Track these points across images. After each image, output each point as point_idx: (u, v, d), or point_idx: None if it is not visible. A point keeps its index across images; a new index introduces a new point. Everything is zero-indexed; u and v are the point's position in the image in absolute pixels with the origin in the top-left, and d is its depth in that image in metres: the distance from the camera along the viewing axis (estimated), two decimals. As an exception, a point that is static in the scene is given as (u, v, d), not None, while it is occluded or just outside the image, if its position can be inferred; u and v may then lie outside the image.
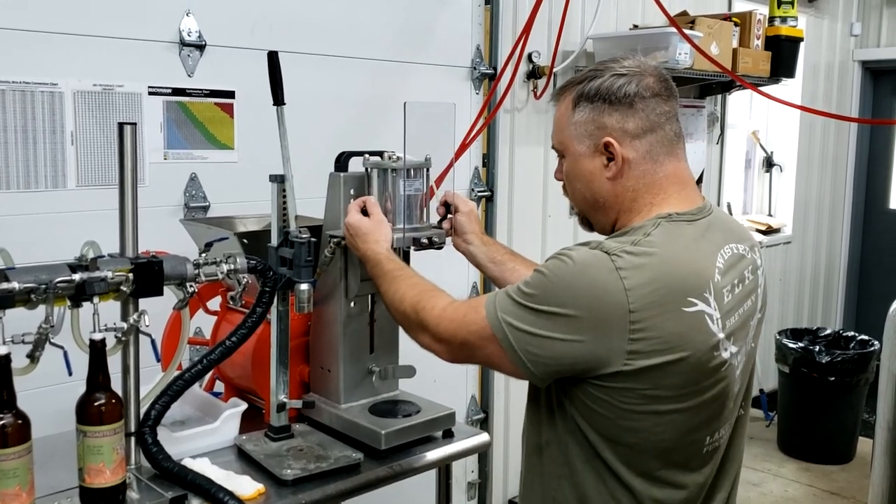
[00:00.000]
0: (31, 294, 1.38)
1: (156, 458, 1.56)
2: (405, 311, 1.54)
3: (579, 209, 1.50)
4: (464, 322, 1.40)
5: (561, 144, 1.46)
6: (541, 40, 3.28)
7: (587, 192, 1.44)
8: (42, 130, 2.07)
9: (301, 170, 1.81)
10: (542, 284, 1.30)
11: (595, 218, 1.48)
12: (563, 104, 1.44)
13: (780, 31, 4.11)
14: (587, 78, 1.41)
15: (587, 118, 1.40)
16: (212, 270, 1.62)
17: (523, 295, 1.31)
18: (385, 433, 1.73)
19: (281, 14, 2.50)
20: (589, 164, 1.41)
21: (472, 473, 3.32)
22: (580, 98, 1.40)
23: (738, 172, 5.15)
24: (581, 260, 1.29)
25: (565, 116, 1.43)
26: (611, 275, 1.25)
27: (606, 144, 1.38)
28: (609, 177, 1.40)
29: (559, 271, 1.29)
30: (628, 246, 1.28)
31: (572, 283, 1.28)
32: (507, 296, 1.34)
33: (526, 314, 1.30)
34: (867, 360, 4.15)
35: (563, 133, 1.44)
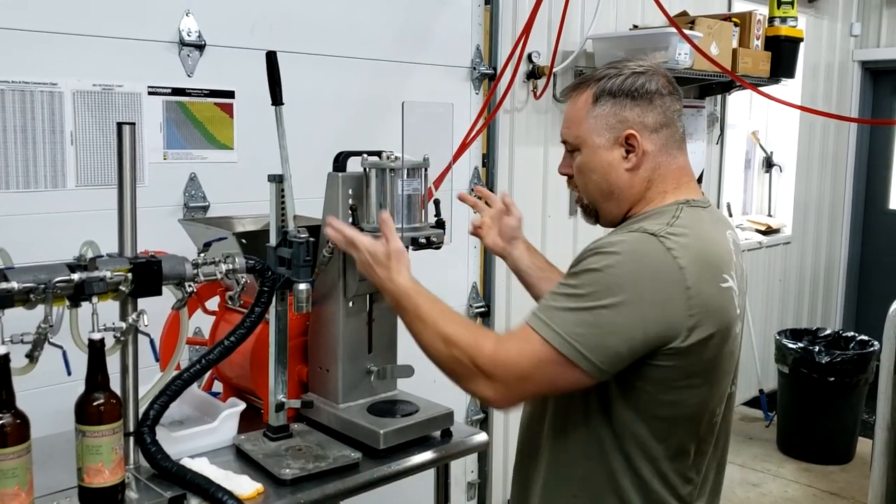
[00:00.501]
0: (30, 294, 1.38)
1: (154, 458, 1.56)
2: (454, 355, 1.42)
3: (590, 200, 1.54)
4: (519, 355, 1.36)
5: (577, 138, 1.50)
6: (540, 40, 3.28)
7: (603, 182, 1.50)
8: (41, 130, 2.08)
9: (300, 170, 1.81)
10: (596, 280, 1.33)
11: (607, 208, 1.52)
12: (581, 99, 1.50)
13: (779, 32, 4.11)
14: (606, 76, 1.49)
15: (609, 112, 1.47)
16: (210, 270, 1.62)
17: (577, 298, 1.33)
18: (384, 433, 1.73)
19: (280, 14, 2.50)
20: (608, 155, 1.48)
21: (472, 474, 3.32)
22: (602, 93, 1.48)
23: (738, 173, 5.15)
24: (631, 247, 1.34)
25: (584, 110, 1.49)
26: (665, 255, 1.33)
27: (628, 137, 1.46)
28: (628, 168, 1.47)
29: (611, 262, 1.33)
30: (667, 228, 1.36)
31: (630, 270, 1.32)
32: (555, 309, 1.34)
33: (587, 315, 1.32)
34: (867, 360, 4.15)
35: (581, 126, 1.49)
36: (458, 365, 1.42)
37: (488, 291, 3.26)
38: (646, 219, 1.43)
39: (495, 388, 1.38)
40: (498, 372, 1.37)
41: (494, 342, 1.40)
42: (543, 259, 1.90)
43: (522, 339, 1.36)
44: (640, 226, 1.39)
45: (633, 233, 1.37)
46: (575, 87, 1.54)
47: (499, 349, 1.39)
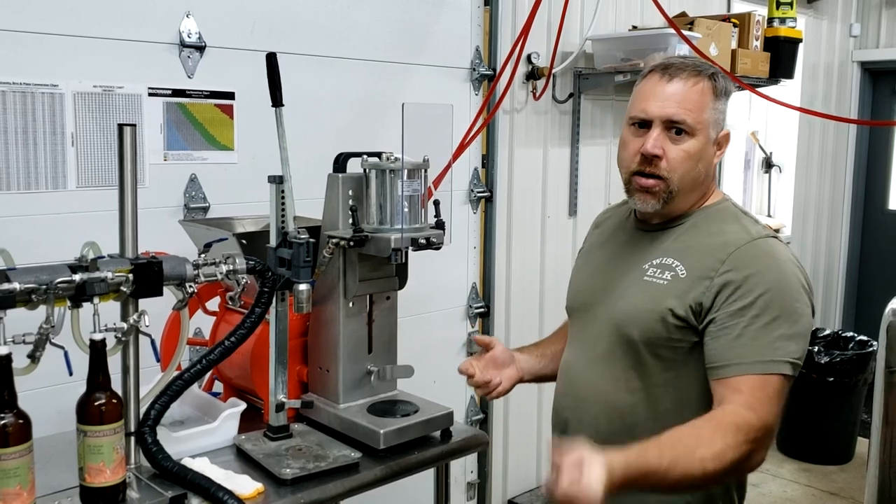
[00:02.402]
0: (32, 294, 1.39)
1: (155, 458, 1.57)
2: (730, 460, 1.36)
3: (681, 187, 1.56)
4: (773, 403, 1.45)
5: (700, 123, 1.54)
6: (540, 41, 3.28)
7: (703, 173, 1.58)
8: (42, 132, 2.08)
9: (300, 171, 1.82)
10: (778, 301, 1.45)
11: (688, 197, 1.59)
12: (701, 88, 1.54)
13: (779, 32, 4.12)
14: (716, 73, 1.57)
15: (722, 109, 1.57)
16: (211, 271, 1.63)
17: (772, 322, 1.44)
18: (384, 433, 1.74)
19: (280, 15, 2.50)
20: (711, 149, 1.57)
21: (472, 473, 3.33)
22: (722, 91, 1.56)
23: (738, 173, 5.15)
24: (783, 260, 1.50)
25: (707, 100, 1.54)
26: (791, 250, 1.55)
27: (726, 136, 1.59)
28: (714, 163, 1.60)
29: (776, 280, 1.47)
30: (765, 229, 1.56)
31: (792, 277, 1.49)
32: (768, 344, 1.44)
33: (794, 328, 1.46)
34: (866, 360, 4.15)
35: (705, 115, 1.54)
36: (738, 459, 1.38)
37: (488, 292, 3.27)
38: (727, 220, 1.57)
39: (768, 444, 1.45)
40: (768, 428, 1.43)
41: (747, 408, 1.41)
42: (540, 345, 1.92)
43: (766, 386, 1.43)
44: (759, 229, 1.54)
45: (760, 239, 1.51)
46: (689, 74, 1.54)
47: (758, 409, 1.42)
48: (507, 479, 3.46)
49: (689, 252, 1.54)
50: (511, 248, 3.34)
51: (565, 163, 3.52)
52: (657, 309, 1.51)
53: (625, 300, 1.58)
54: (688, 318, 1.49)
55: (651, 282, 1.55)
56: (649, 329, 1.52)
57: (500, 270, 3.30)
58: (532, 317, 3.42)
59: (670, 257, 1.55)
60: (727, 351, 1.45)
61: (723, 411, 1.42)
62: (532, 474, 3.49)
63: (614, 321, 1.59)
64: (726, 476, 1.44)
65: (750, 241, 1.51)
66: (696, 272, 1.50)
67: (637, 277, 1.58)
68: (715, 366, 1.47)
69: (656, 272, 1.55)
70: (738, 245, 1.50)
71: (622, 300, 1.59)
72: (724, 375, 1.45)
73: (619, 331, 1.57)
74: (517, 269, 3.38)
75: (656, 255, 1.58)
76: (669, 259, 1.55)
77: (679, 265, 1.53)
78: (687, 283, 1.51)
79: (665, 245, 1.58)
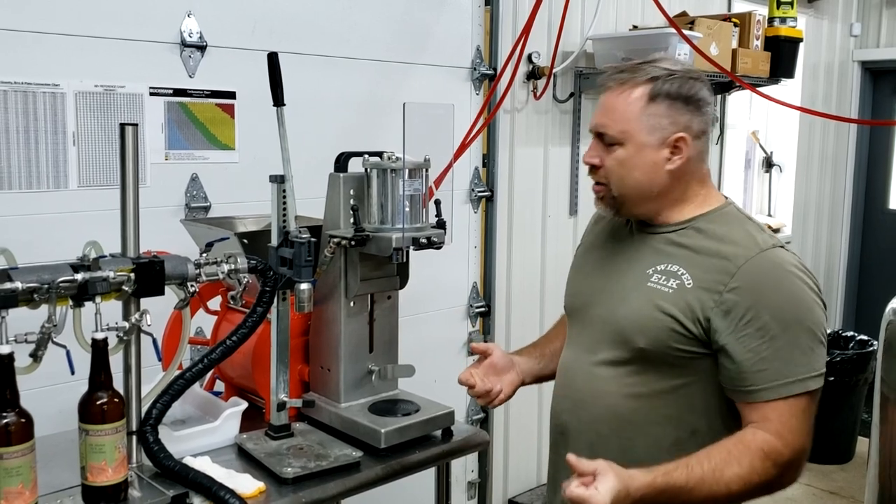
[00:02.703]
0: (34, 294, 1.39)
1: (157, 457, 1.57)
2: (758, 482, 1.42)
3: (622, 194, 1.56)
4: (803, 423, 1.44)
5: (623, 133, 1.53)
6: (540, 41, 3.29)
7: (644, 180, 1.54)
8: (44, 131, 2.09)
9: (301, 170, 1.82)
10: (793, 318, 1.45)
11: (641, 205, 1.57)
12: (634, 95, 1.52)
13: (779, 32, 4.12)
14: (661, 76, 1.52)
15: (663, 112, 1.51)
16: (212, 270, 1.63)
17: (792, 341, 1.44)
18: (385, 432, 1.74)
19: (281, 15, 2.51)
20: (653, 155, 1.53)
21: (472, 473, 3.33)
22: (658, 94, 1.51)
23: (738, 172, 5.15)
24: (791, 272, 1.48)
25: (637, 107, 1.52)
26: (796, 256, 1.53)
27: (678, 140, 1.52)
28: (671, 169, 1.53)
29: (788, 295, 1.46)
30: (771, 238, 1.53)
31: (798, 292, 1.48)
32: (789, 362, 1.43)
33: (810, 341, 1.46)
34: (866, 360, 4.16)
35: (631, 122, 1.52)
36: (766, 484, 1.43)
37: (488, 291, 3.27)
38: (731, 226, 1.54)
39: (800, 466, 1.45)
40: (798, 451, 1.44)
41: (776, 436, 1.42)
42: (538, 344, 1.91)
43: (793, 409, 1.43)
44: (767, 240, 1.51)
45: (767, 251, 1.48)
46: (622, 81, 1.54)
47: (786, 435, 1.43)
48: (507, 479, 3.46)
49: (694, 260, 1.52)
50: (512, 248, 3.34)
51: (566, 162, 3.53)
52: (662, 318, 1.50)
53: (628, 305, 1.56)
54: (696, 330, 1.48)
55: (656, 289, 1.52)
56: (655, 337, 1.51)
57: (501, 270, 3.31)
58: (533, 316, 3.43)
59: (675, 264, 1.53)
60: (751, 376, 1.44)
61: (753, 435, 1.44)
62: (532, 474, 3.49)
63: (618, 326, 1.56)
64: (752, 496, 1.46)
65: (758, 254, 1.47)
66: (703, 283, 1.48)
67: (640, 282, 1.56)
68: (740, 390, 1.46)
69: (661, 279, 1.53)
70: (747, 258, 1.47)
71: (625, 305, 1.57)
72: (750, 400, 1.45)
73: (622, 336, 1.55)
74: (518, 268, 3.38)
75: (661, 261, 1.55)
76: (675, 266, 1.52)
77: (685, 273, 1.50)
78: (693, 294, 1.48)
79: (669, 250, 1.56)
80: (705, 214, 1.57)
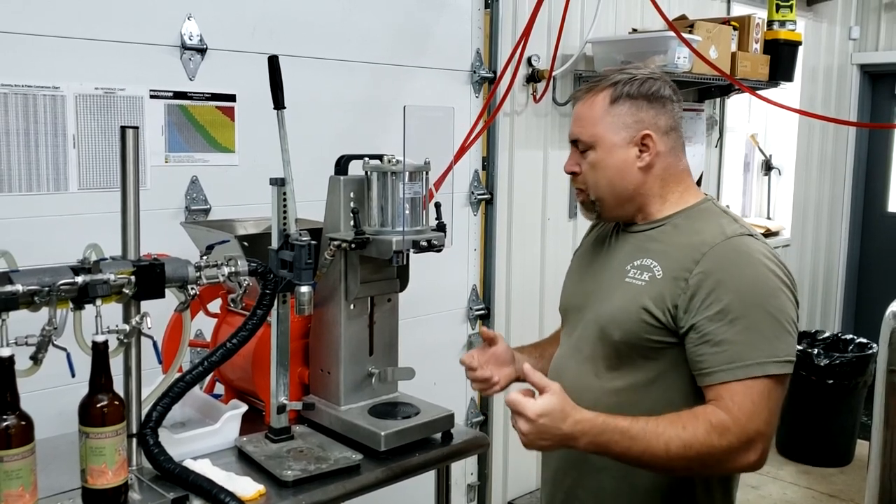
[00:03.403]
0: (35, 296, 1.39)
1: (157, 460, 1.57)
2: (700, 451, 1.41)
3: (598, 196, 1.61)
4: (756, 405, 1.42)
5: (593, 136, 1.58)
6: (540, 44, 3.29)
7: (617, 180, 1.59)
8: (44, 133, 2.09)
9: (301, 173, 1.82)
10: (753, 301, 1.44)
11: (617, 206, 1.62)
12: (597, 100, 1.59)
13: (778, 35, 4.13)
14: (621, 80, 1.58)
15: (626, 112, 1.57)
16: (213, 273, 1.63)
17: (752, 325, 1.43)
18: (384, 434, 1.74)
19: (281, 17, 2.51)
20: (623, 153, 1.58)
21: (472, 476, 3.33)
22: (620, 95, 1.57)
23: (737, 175, 5.16)
24: (755, 257, 1.48)
25: (601, 110, 1.58)
26: (766, 246, 1.52)
27: (644, 137, 1.57)
28: (641, 166, 1.58)
29: (749, 279, 1.46)
30: (742, 227, 1.53)
31: (765, 273, 1.47)
32: (747, 345, 1.43)
33: (769, 328, 1.44)
34: (866, 362, 4.16)
35: (598, 126, 1.58)
36: (711, 457, 1.42)
37: (488, 294, 3.27)
38: (705, 219, 1.55)
39: (757, 448, 1.43)
40: (751, 432, 1.41)
41: (727, 412, 1.42)
42: (539, 346, 1.94)
43: (749, 391, 1.42)
44: (735, 229, 1.52)
45: (734, 239, 1.49)
46: (588, 89, 1.62)
47: (737, 414, 1.41)
48: (507, 481, 3.46)
49: (666, 253, 1.56)
50: (511, 251, 3.34)
51: (565, 165, 3.53)
52: (634, 309, 1.53)
53: (608, 302, 1.61)
54: (664, 319, 1.50)
55: (631, 283, 1.57)
56: (628, 330, 1.54)
57: (501, 272, 3.31)
58: (532, 319, 3.43)
59: (649, 258, 1.57)
60: (709, 358, 1.45)
61: (704, 408, 1.45)
62: (532, 476, 3.49)
63: (599, 323, 1.61)
64: (695, 468, 1.45)
65: (724, 241, 1.50)
66: (672, 272, 1.52)
67: (619, 279, 1.60)
68: (699, 373, 1.48)
69: (636, 273, 1.57)
70: (711, 245, 1.50)
71: (606, 302, 1.61)
72: (709, 383, 1.46)
73: (602, 332, 1.60)
74: (517, 271, 3.38)
75: (637, 257, 1.59)
76: (648, 260, 1.57)
77: (656, 265, 1.55)
78: (662, 284, 1.52)
79: (646, 246, 1.60)
80: (683, 211, 1.60)
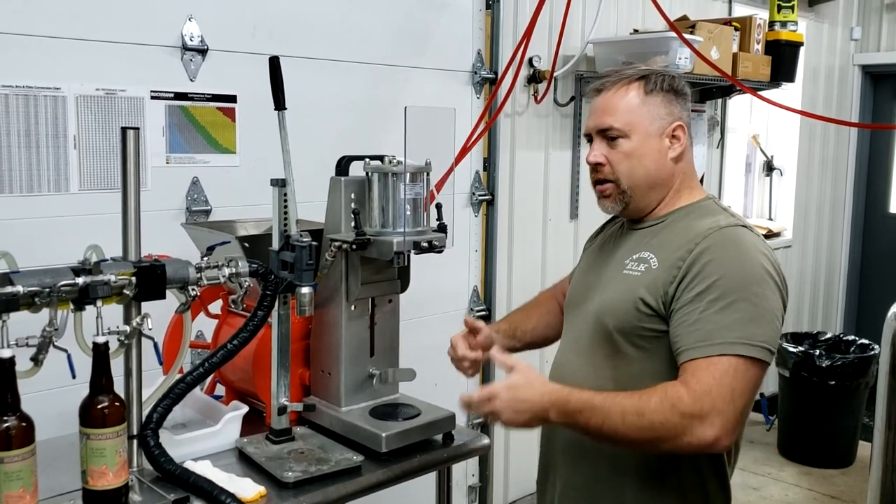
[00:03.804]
0: (35, 297, 1.39)
1: (158, 461, 1.57)
2: (654, 420, 1.41)
3: (632, 186, 1.62)
4: (718, 381, 1.41)
5: (628, 125, 1.60)
6: (541, 45, 3.29)
7: (652, 169, 1.62)
8: (45, 134, 2.09)
9: (302, 174, 1.82)
10: (735, 285, 1.45)
11: (645, 195, 1.63)
12: (630, 90, 1.62)
13: (780, 36, 4.13)
14: (653, 73, 1.63)
15: (660, 103, 1.61)
16: (213, 274, 1.63)
17: (728, 306, 1.44)
18: (385, 436, 1.74)
19: (282, 18, 2.51)
20: (657, 143, 1.61)
21: (473, 477, 3.33)
22: (654, 88, 1.61)
23: (739, 176, 5.16)
24: (746, 246, 1.51)
25: (636, 100, 1.61)
26: (760, 239, 1.55)
27: (676, 128, 1.62)
28: (673, 157, 1.62)
29: (735, 264, 1.47)
30: (737, 220, 1.57)
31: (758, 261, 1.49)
32: (721, 327, 1.43)
33: (747, 312, 1.44)
34: (867, 363, 4.15)
35: (634, 114, 1.61)
36: (663, 427, 1.41)
37: (489, 295, 3.27)
38: (704, 215, 1.58)
39: (713, 423, 1.39)
40: (706, 406, 1.39)
41: (684, 385, 1.42)
42: (511, 323, 1.97)
43: (711, 367, 1.41)
44: (728, 219, 1.55)
45: (728, 229, 1.52)
46: (615, 81, 1.64)
47: (694, 386, 1.41)
48: (508, 483, 3.46)
49: (663, 245, 1.59)
50: (512, 251, 3.34)
51: (567, 166, 3.53)
52: (630, 298, 1.56)
53: (605, 294, 1.64)
54: (656, 306, 1.53)
55: (628, 274, 1.60)
56: (622, 318, 1.57)
57: (502, 273, 3.31)
58: (533, 320, 3.42)
59: (647, 251, 1.60)
60: (684, 337, 1.46)
61: (665, 383, 1.46)
62: (533, 478, 3.48)
63: (596, 314, 1.64)
64: (653, 442, 1.43)
65: (718, 230, 1.53)
66: (667, 262, 1.55)
67: (618, 272, 1.64)
68: (676, 352, 1.49)
69: (634, 265, 1.60)
70: (706, 235, 1.52)
71: (603, 294, 1.65)
72: (680, 361, 1.47)
73: (598, 322, 1.62)
74: (518, 272, 3.38)
75: (637, 251, 1.63)
76: (646, 253, 1.60)
77: (653, 257, 1.58)
78: (657, 273, 1.55)
79: (646, 241, 1.63)
80: (684, 207, 1.64)
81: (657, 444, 1.44)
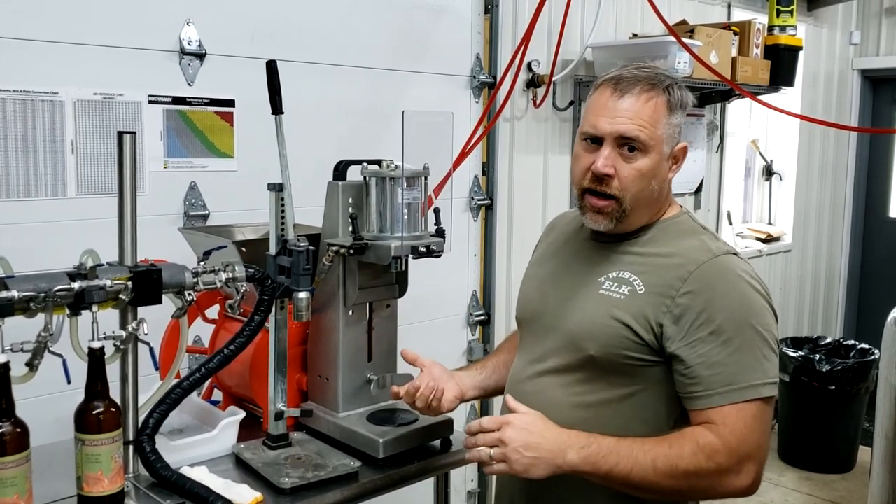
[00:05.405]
0: (31, 302, 1.38)
1: (154, 467, 1.56)
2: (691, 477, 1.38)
3: (634, 205, 1.51)
4: (749, 427, 1.39)
5: (654, 140, 1.48)
6: (540, 49, 3.29)
7: (657, 189, 1.52)
8: (42, 139, 2.08)
9: (300, 178, 1.81)
10: (742, 322, 1.42)
11: (640, 213, 1.54)
12: (657, 103, 1.49)
13: (779, 40, 4.13)
14: (670, 83, 1.51)
15: (676, 123, 1.52)
16: (210, 279, 1.62)
17: (743, 346, 1.41)
18: (383, 441, 1.73)
19: (280, 23, 2.50)
20: (665, 165, 1.52)
21: (472, 483, 3.31)
22: (676, 105, 1.51)
23: (738, 181, 5.15)
24: (744, 277, 1.45)
25: (661, 115, 1.49)
26: (749, 264, 1.51)
27: (683, 150, 1.54)
28: (670, 178, 1.55)
29: (738, 300, 1.43)
30: (726, 246, 1.52)
31: (752, 294, 1.45)
32: (743, 369, 1.40)
33: (759, 348, 1.42)
34: (867, 368, 4.15)
35: (657, 130, 1.48)
36: (698, 477, 1.39)
37: (488, 300, 3.26)
38: (685, 234, 1.52)
39: (749, 471, 1.39)
40: (742, 456, 1.39)
41: (716, 435, 1.39)
42: (480, 361, 1.92)
43: (741, 414, 1.39)
44: (720, 247, 1.49)
45: (720, 257, 1.47)
46: (646, 88, 1.49)
47: (728, 437, 1.39)
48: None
49: (647, 267, 1.50)
50: (511, 256, 3.34)
51: (566, 170, 3.49)
52: (615, 325, 1.47)
53: (581, 313, 1.54)
54: (648, 338, 1.46)
55: (607, 296, 1.51)
56: (605, 344, 1.48)
57: (501, 278, 3.30)
58: (532, 325, 3.42)
59: (627, 271, 1.51)
60: (704, 381, 1.41)
61: (693, 429, 1.43)
62: (532, 483, 3.48)
63: (569, 334, 1.54)
64: (686, 492, 1.42)
65: (711, 259, 1.46)
66: (655, 289, 1.47)
67: (592, 291, 1.54)
68: (690, 396, 1.44)
69: (613, 286, 1.51)
70: (699, 263, 1.45)
71: (578, 313, 1.55)
72: (702, 406, 1.42)
73: (573, 344, 1.53)
74: (517, 276, 3.34)
75: (613, 269, 1.54)
76: (626, 273, 1.51)
77: (637, 280, 1.49)
78: (644, 300, 1.47)
79: (623, 259, 1.54)
80: (658, 223, 1.56)
81: (689, 494, 1.44)
